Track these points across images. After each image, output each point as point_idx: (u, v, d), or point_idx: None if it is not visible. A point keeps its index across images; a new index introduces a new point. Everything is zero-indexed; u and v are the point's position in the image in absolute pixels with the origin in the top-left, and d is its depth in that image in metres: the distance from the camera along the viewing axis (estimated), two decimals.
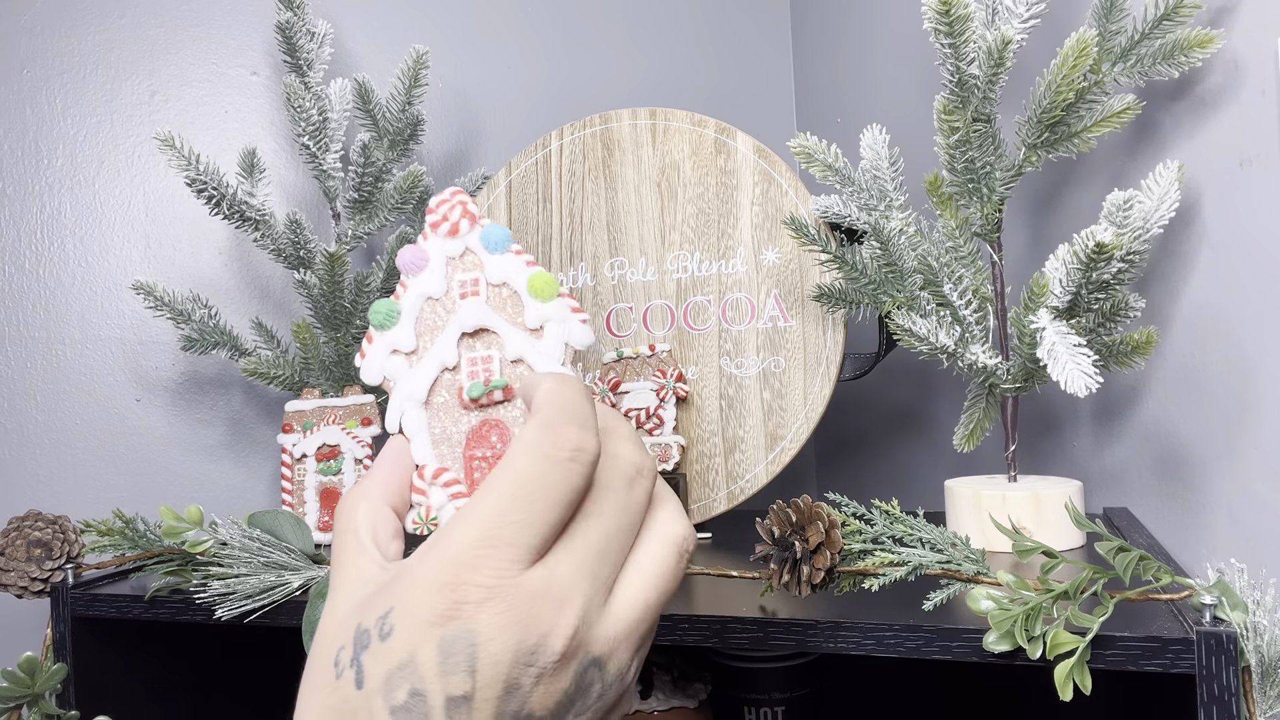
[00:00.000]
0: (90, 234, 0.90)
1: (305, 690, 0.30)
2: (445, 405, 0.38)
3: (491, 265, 0.39)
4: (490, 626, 0.27)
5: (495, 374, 0.38)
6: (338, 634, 0.30)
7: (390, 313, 0.38)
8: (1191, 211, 0.59)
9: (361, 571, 0.32)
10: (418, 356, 0.38)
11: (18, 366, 0.88)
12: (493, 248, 0.39)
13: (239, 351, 0.83)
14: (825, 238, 0.66)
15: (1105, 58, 0.58)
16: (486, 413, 0.38)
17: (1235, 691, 0.39)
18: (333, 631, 0.30)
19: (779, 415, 0.70)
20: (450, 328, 0.38)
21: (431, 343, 0.38)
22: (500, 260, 0.39)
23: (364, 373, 0.38)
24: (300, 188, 0.95)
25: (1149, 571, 0.44)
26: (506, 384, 0.37)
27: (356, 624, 0.29)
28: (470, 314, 0.38)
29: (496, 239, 0.39)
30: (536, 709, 0.28)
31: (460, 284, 0.39)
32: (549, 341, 0.38)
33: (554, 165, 0.78)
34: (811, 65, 1.04)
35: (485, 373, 0.38)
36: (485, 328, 0.38)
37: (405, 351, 0.38)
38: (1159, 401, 0.64)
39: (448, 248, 0.39)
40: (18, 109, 0.89)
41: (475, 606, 0.28)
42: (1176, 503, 0.62)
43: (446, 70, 0.98)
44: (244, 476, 0.93)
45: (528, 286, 0.38)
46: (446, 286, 0.39)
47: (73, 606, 0.64)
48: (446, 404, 0.38)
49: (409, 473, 0.37)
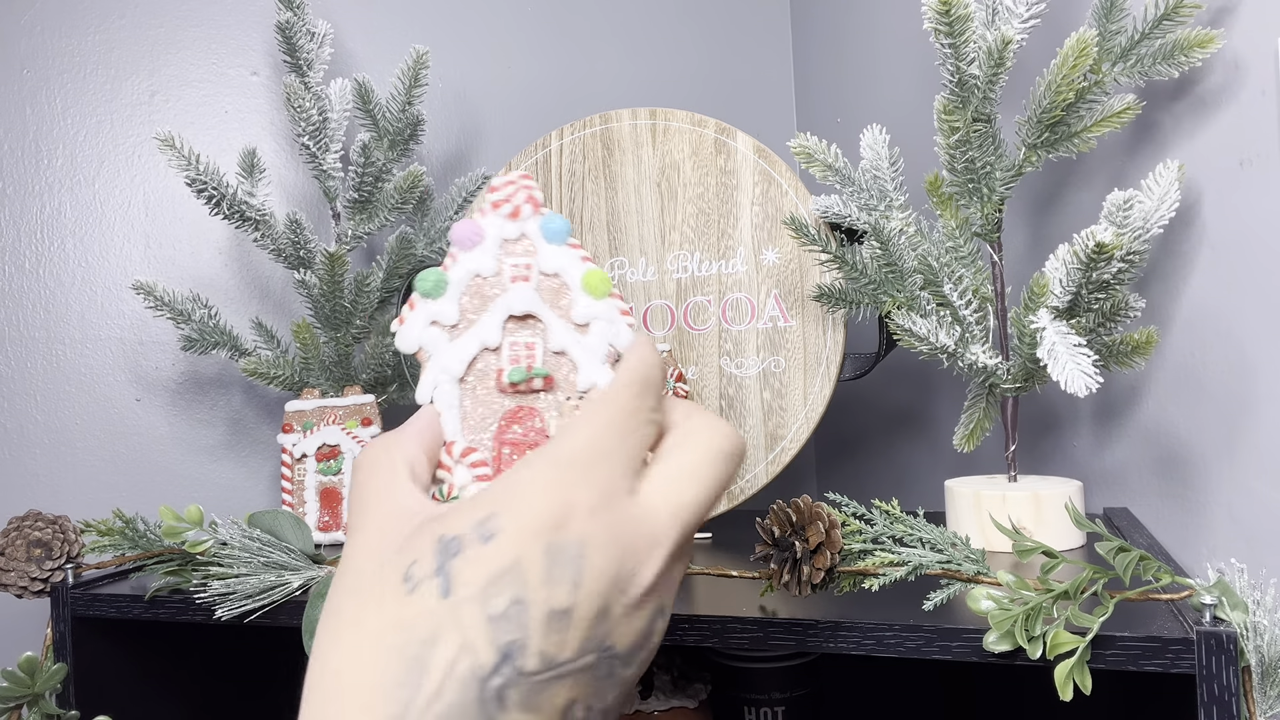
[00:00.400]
0: (90, 234, 0.90)
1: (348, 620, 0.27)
2: (480, 386, 0.37)
3: (547, 254, 0.38)
4: (598, 539, 0.27)
5: (538, 361, 0.37)
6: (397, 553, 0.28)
7: (439, 282, 0.37)
8: (1191, 211, 0.59)
9: (407, 498, 0.30)
10: (458, 332, 0.38)
11: (18, 366, 0.88)
12: (551, 237, 0.39)
13: (239, 351, 0.83)
14: (825, 238, 0.66)
15: (1105, 58, 0.58)
16: (522, 399, 0.37)
17: (1235, 691, 0.39)
18: (378, 552, 0.28)
19: (779, 415, 0.70)
20: (497, 308, 0.38)
21: (474, 320, 0.38)
22: (557, 251, 0.38)
23: (400, 339, 0.37)
24: (300, 188, 0.95)
25: (1149, 571, 0.44)
26: (548, 374, 0.37)
27: (438, 535, 0.27)
28: (521, 298, 0.37)
29: (556, 230, 0.38)
30: (619, 643, 0.27)
31: (512, 267, 0.38)
32: (595, 339, 0.38)
33: (554, 165, 0.78)
34: (811, 65, 1.04)
35: (528, 359, 0.37)
36: (533, 315, 0.38)
37: (446, 324, 0.37)
38: (1159, 401, 0.64)
39: (505, 229, 0.38)
40: (18, 109, 0.89)
41: (586, 517, 0.27)
42: (1176, 503, 0.62)
43: (446, 70, 0.98)
44: (244, 476, 0.93)
45: (582, 281, 0.38)
46: (498, 267, 0.38)
47: (73, 606, 0.64)
48: (482, 385, 0.37)
49: (439, 442, 0.36)
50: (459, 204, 0.88)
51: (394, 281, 0.85)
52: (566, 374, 0.37)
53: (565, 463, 0.28)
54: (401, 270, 0.85)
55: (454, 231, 0.38)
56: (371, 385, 0.86)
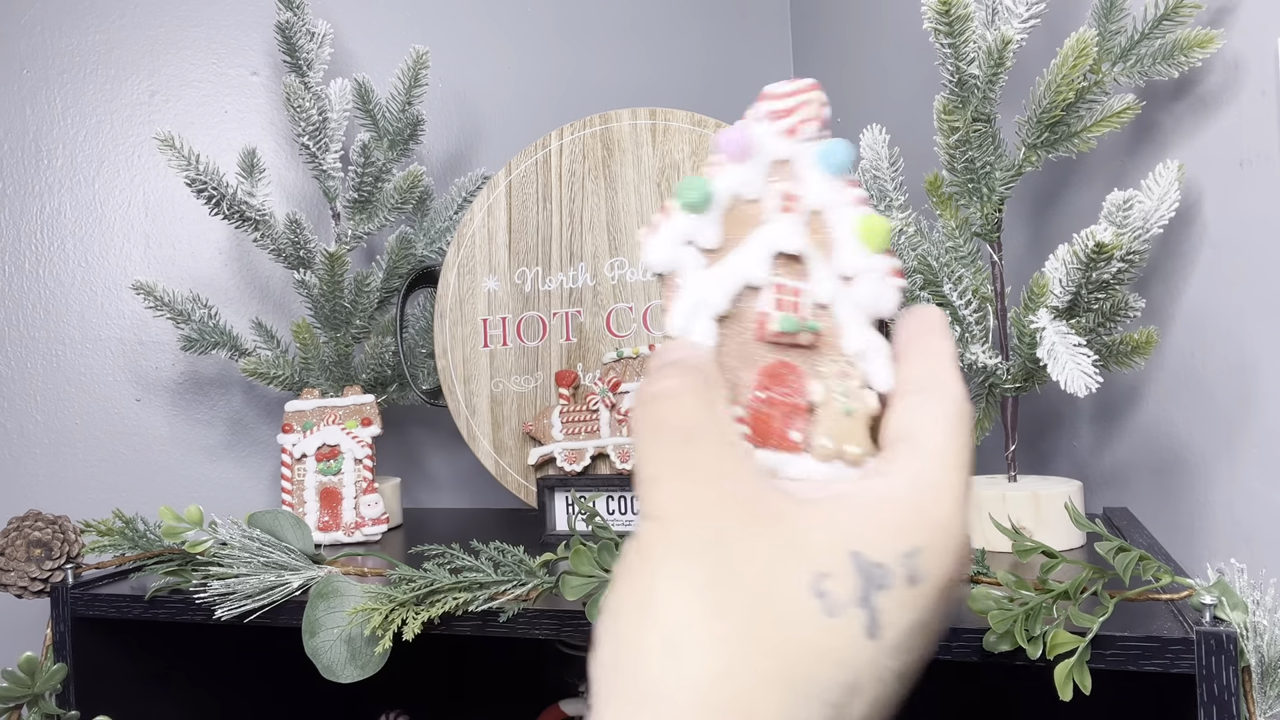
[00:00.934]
0: (90, 234, 0.90)
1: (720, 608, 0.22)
2: (735, 329, 0.31)
3: (818, 187, 0.32)
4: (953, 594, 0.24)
5: (808, 313, 0.31)
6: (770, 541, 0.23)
7: (706, 195, 0.31)
8: (1191, 211, 0.59)
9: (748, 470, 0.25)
10: (716, 259, 0.31)
11: (18, 366, 0.88)
12: (830, 167, 0.31)
13: (239, 351, 0.83)
14: None
15: (1105, 58, 0.58)
16: (782, 353, 0.31)
17: (1235, 691, 0.39)
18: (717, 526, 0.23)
19: None
20: (762, 241, 0.31)
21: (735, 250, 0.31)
22: (832, 185, 0.32)
23: (649, 253, 0.31)
24: (300, 188, 0.95)
25: (1149, 571, 0.44)
26: (819, 328, 0.31)
27: (853, 551, 0.23)
28: (793, 235, 0.31)
29: (838, 159, 0.31)
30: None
31: (780, 193, 0.32)
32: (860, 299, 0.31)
33: (554, 165, 0.78)
34: (811, 65, 1.04)
35: (793, 309, 0.31)
36: (800, 257, 0.31)
37: (704, 248, 0.31)
38: (1159, 401, 0.64)
39: (778, 147, 0.32)
40: (18, 109, 0.89)
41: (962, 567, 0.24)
42: (1176, 503, 0.62)
43: (446, 70, 0.98)
44: (244, 476, 0.93)
45: (858, 228, 0.31)
46: (763, 191, 0.32)
47: (73, 606, 0.64)
48: (737, 328, 0.31)
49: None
50: (459, 204, 0.88)
51: (394, 281, 0.85)
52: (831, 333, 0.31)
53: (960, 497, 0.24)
54: (401, 270, 0.85)
55: (722, 139, 0.32)
56: (371, 385, 0.86)
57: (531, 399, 0.77)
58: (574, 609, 0.53)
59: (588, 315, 0.76)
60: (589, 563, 0.51)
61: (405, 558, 0.68)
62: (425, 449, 1.00)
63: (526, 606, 0.54)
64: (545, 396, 0.77)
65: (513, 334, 0.78)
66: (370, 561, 0.66)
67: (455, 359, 0.79)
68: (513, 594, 0.54)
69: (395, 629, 0.53)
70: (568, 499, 0.72)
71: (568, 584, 0.51)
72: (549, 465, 0.75)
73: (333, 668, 0.55)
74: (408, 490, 0.99)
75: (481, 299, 0.79)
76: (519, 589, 0.54)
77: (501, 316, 0.78)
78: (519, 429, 0.77)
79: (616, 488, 0.72)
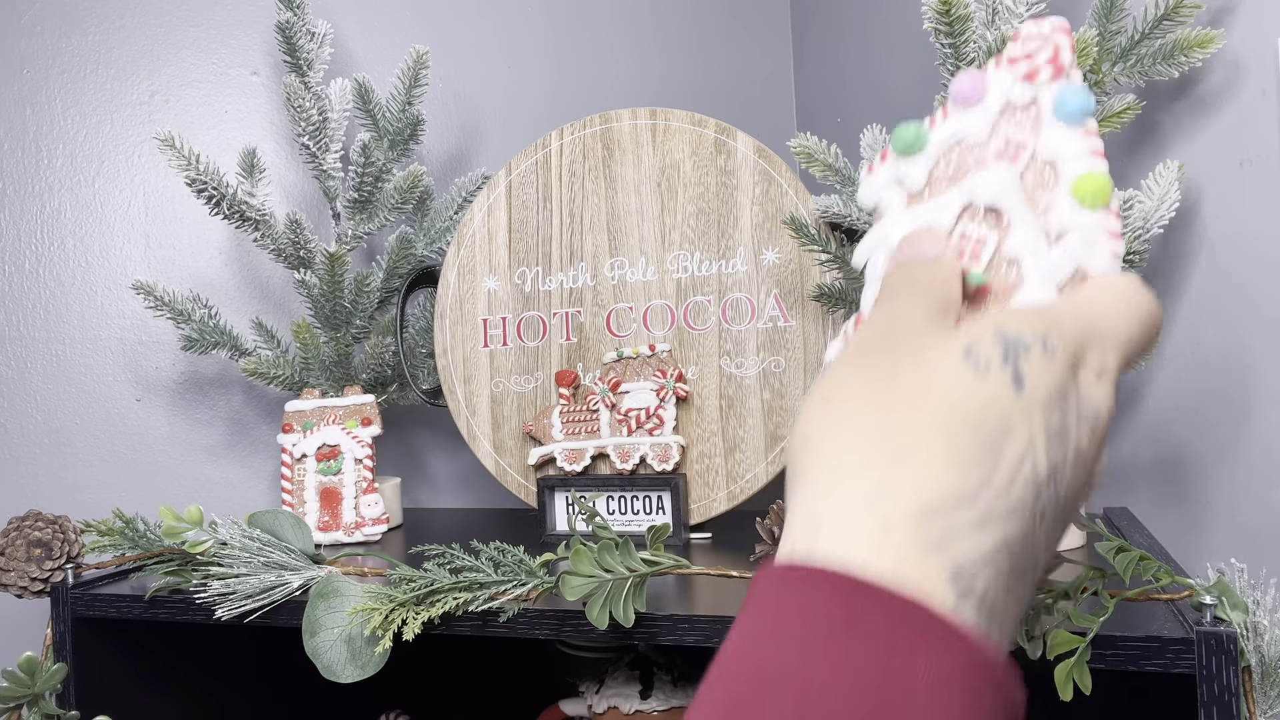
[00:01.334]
0: (90, 234, 0.90)
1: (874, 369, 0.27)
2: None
3: (1050, 136, 0.31)
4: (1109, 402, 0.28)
5: (980, 265, 0.31)
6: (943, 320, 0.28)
7: (918, 139, 0.33)
8: (1191, 211, 0.59)
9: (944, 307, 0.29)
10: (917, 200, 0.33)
11: (18, 366, 0.88)
12: (1064, 115, 0.31)
13: (239, 351, 0.83)
14: (825, 237, 0.66)
15: (1105, 57, 0.58)
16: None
17: (1235, 691, 0.39)
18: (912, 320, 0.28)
19: (779, 415, 0.70)
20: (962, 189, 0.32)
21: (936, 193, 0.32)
22: (1064, 134, 0.31)
23: (862, 189, 0.34)
24: (300, 188, 0.95)
25: (1149, 571, 0.44)
26: (985, 283, 0.31)
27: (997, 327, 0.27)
28: (989, 188, 0.31)
29: (1074, 106, 0.31)
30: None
31: (1005, 141, 0.32)
32: (1062, 256, 0.30)
33: (554, 165, 0.78)
34: (811, 65, 1.04)
35: (972, 260, 0.31)
36: (1000, 208, 0.31)
37: (908, 190, 0.33)
38: (1159, 401, 0.64)
39: (1014, 91, 0.32)
40: (18, 109, 0.89)
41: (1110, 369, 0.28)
42: (1176, 503, 0.62)
43: (446, 70, 0.98)
44: (244, 476, 0.93)
45: (1074, 184, 0.31)
46: (989, 135, 0.32)
47: (73, 606, 0.64)
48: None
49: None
50: (459, 204, 0.88)
51: (394, 281, 0.85)
52: (1007, 287, 0.31)
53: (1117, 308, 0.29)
54: (401, 270, 0.85)
55: (955, 83, 0.33)
56: (371, 385, 0.86)
57: (531, 399, 0.77)
58: (574, 609, 0.53)
59: (588, 315, 0.76)
60: (589, 563, 0.51)
61: (405, 558, 0.68)
62: (425, 449, 1.00)
63: (526, 606, 0.54)
64: (545, 396, 0.77)
65: (513, 334, 0.78)
66: (370, 561, 0.66)
67: (455, 359, 0.79)
68: (513, 594, 0.54)
69: (395, 629, 0.53)
70: (568, 499, 0.72)
71: (568, 584, 0.51)
72: (549, 465, 0.75)
73: (333, 668, 0.55)
74: (408, 490, 0.99)
75: (481, 299, 0.79)
76: (519, 589, 0.54)
77: (501, 316, 0.78)
78: (519, 429, 0.77)
79: (616, 488, 0.72)
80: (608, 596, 0.50)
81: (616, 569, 0.51)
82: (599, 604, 0.50)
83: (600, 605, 0.50)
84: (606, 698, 0.70)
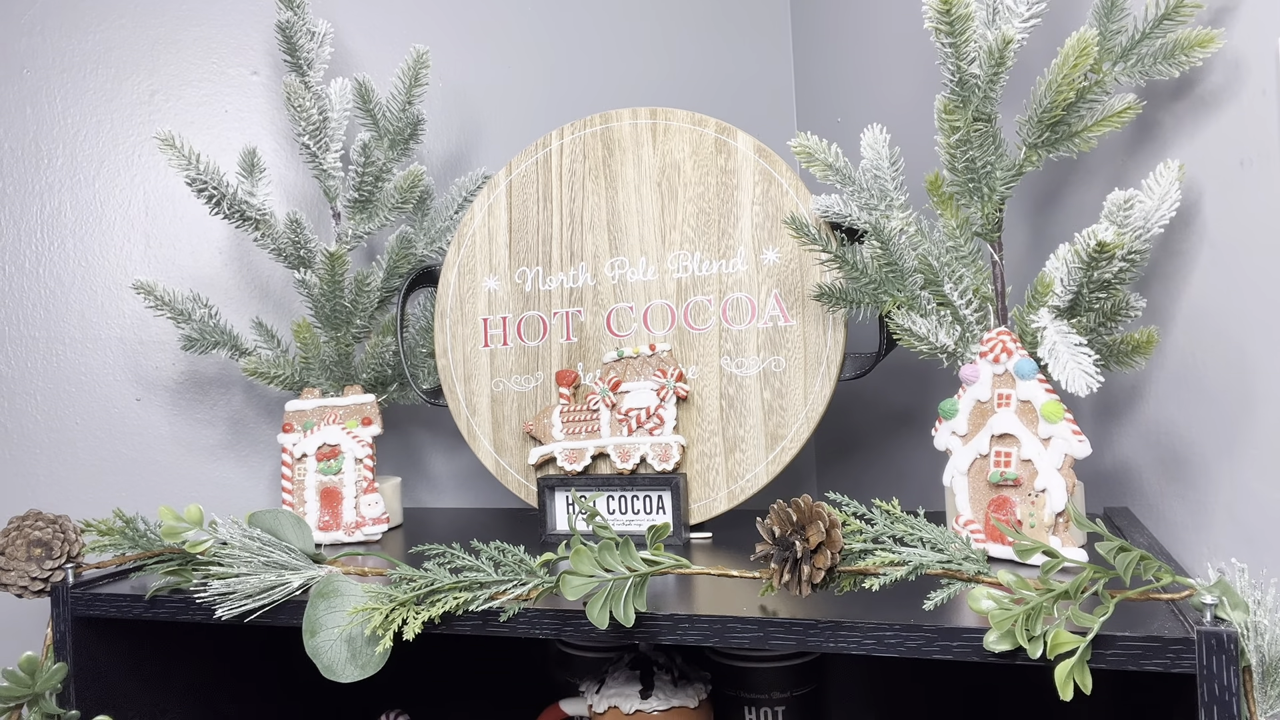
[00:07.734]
0: (90, 234, 0.90)
1: None
2: (977, 478, 0.57)
3: (1020, 387, 0.55)
4: None
5: (1011, 467, 0.55)
6: None
7: (953, 407, 0.58)
8: (1192, 211, 0.59)
9: None
10: (966, 440, 0.58)
11: (18, 366, 0.88)
12: (1021, 375, 0.55)
13: (239, 351, 0.83)
14: (825, 237, 0.66)
15: (1106, 57, 0.58)
16: (1001, 491, 0.56)
17: (1236, 691, 0.39)
18: None
19: (779, 415, 0.70)
20: (987, 427, 0.57)
21: (976, 433, 0.57)
22: (1027, 385, 0.55)
23: (936, 441, 0.59)
24: (300, 187, 0.95)
25: (1149, 571, 0.43)
26: (1017, 477, 0.55)
27: None
28: (1001, 421, 0.56)
29: (1026, 369, 0.55)
30: None
31: (999, 395, 0.56)
32: (1053, 453, 0.53)
33: (554, 165, 0.78)
34: (811, 65, 1.04)
35: (1004, 464, 0.56)
36: (1010, 433, 0.55)
37: (959, 434, 0.58)
38: (1159, 401, 0.64)
39: (994, 369, 0.57)
40: (18, 109, 0.89)
41: None
42: (1176, 503, 0.62)
43: (446, 70, 0.98)
44: (244, 476, 0.93)
45: (1041, 409, 0.54)
46: (991, 394, 0.57)
47: (73, 606, 0.64)
48: (978, 478, 0.57)
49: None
50: (459, 204, 0.88)
51: (394, 281, 0.85)
52: (1031, 476, 0.54)
53: None
54: (402, 270, 0.85)
55: (963, 372, 0.58)
56: (371, 385, 0.86)
57: (532, 399, 0.77)
58: (574, 609, 0.53)
59: (588, 315, 0.76)
60: (589, 563, 0.51)
61: (405, 557, 0.68)
62: (425, 449, 1.00)
63: (526, 606, 0.54)
64: (545, 396, 0.77)
65: (513, 334, 0.78)
66: (370, 561, 0.66)
67: (455, 358, 0.79)
68: (513, 594, 0.54)
69: (395, 629, 0.53)
70: (568, 499, 0.72)
71: (568, 584, 0.51)
72: (549, 465, 0.75)
73: (333, 667, 0.55)
74: (408, 490, 0.99)
75: (482, 299, 0.79)
76: (519, 589, 0.54)
77: (502, 316, 0.78)
78: (519, 428, 0.77)
79: (616, 487, 0.72)
80: (608, 596, 0.50)
81: (617, 569, 0.51)
82: (599, 604, 0.50)
83: (600, 605, 0.50)
84: (607, 697, 0.70)
